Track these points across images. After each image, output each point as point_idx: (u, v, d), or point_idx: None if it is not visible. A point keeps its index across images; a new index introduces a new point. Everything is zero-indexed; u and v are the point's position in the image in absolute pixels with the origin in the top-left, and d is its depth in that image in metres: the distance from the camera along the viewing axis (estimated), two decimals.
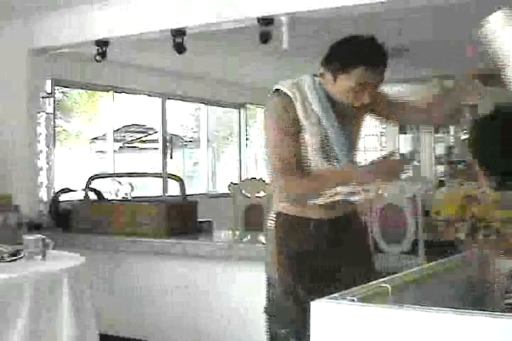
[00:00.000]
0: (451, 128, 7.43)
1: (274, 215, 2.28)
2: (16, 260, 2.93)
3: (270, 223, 2.29)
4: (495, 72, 2.13)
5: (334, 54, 2.15)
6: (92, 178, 4.61)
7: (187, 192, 4.37)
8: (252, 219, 3.99)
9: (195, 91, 7.85)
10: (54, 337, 2.65)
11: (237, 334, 3.66)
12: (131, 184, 5.50)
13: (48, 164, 5.22)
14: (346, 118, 2.25)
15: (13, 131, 5.01)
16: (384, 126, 8.50)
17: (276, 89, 2.20)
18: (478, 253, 2.14)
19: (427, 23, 5.35)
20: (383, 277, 1.63)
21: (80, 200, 4.56)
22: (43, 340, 2.62)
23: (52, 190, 5.24)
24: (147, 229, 4.02)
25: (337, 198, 2.24)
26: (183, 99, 8.08)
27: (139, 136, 8.51)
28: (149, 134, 8.39)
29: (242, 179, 7.12)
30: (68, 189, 4.70)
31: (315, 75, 2.22)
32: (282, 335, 2.22)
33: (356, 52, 2.10)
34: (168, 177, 6.89)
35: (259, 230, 3.48)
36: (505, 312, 1.86)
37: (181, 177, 4.67)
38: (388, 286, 1.51)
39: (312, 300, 1.87)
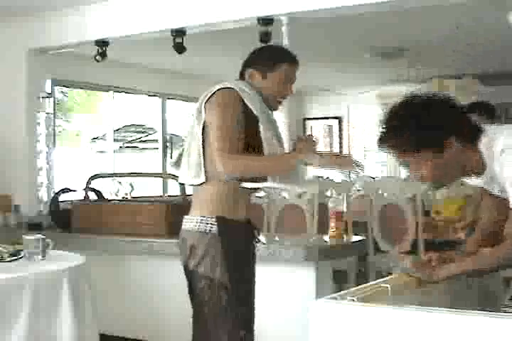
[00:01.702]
0: None
1: (214, 219, 2.34)
2: (16, 260, 2.93)
3: (207, 226, 2.35)
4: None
5: (261, 55, 2.52)
6: (92, 178, 4.60)
7: (187, 192, 4.37)
8: (251, 218, 3.99)
9: (195, 91, 7.83)
10: (54, 337, 2.65)
11: None
12: (131, 184, 5.50)
13: (47, 164, 5.22)
14: (272, 116, 2.52)
15: (13, 131, 5.01)
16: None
17: (223, 87, 2.38)
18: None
19: (427, 23, 5.36)
20: (383, 277, 1.63)
21: (80, 200, 4.56)
22: (42, 340, 2.62)
23: (52, 190, 5.25)
24: (147, 229, 4.03)
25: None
26: (183, 99, 8.08)
27: (139, 136, 8.50)
28: (149, 134, 8.39)
29: None
30: (68, 189, 4.70)
31: (240, 78, 2.50)
32: (242, 336, 2.35)
33: (279, 52, 2.53)
34: (168, 177, 6.89)
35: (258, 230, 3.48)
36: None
37: None
38: (388, 286, 1.51)
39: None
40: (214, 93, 2.37)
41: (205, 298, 2.40)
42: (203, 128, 2.37)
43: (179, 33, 4.43)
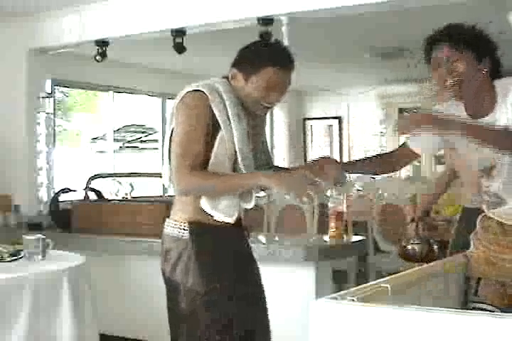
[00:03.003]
0: None
1: (186, 224, 2.18)
2: (16, 260, 2.93)
3: (180, 231, 2.20)
4: None
5: (244, 56, 2.22)
6: (92, 178, 4.61)
7: None
8: (251, 218, 3.99)
9: None
10: (54, 336, 2.65)
11: None
12: (131, 184, 5.50)
13: (48, 164, 5.22)
14: (255, 121, 2.27)
15: (13, 131, 5.01)
16: (384, 125, 8.52)
17: (193, 90, 2.20)
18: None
19: (427, 23, 5.35)
20: (383, 277, 1.63)
21: (80, 200, 4.56)
22: (42, 340, 2.62)
23: (52, 190, 5.25)
24: (147, 229, 4.02)
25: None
26: None
27: (139, 136, 8.49)
28: (149, 134, 8.39)
29: None
30: (68, 189, 4.70)
31: (225, 77, 2.25)
32: None
33: (266, 54, 2.19)
34: None
35: (258, 230, 3.49)
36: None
37: None
38: (388, 286, 1.51)
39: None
40: (183, 96, 2.21)
41: (177, 307, 2.26)
42: (172, 133, 2.19)
43: (179, 33, 4.43)
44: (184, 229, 2.19)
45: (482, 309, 1.89)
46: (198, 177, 2.09)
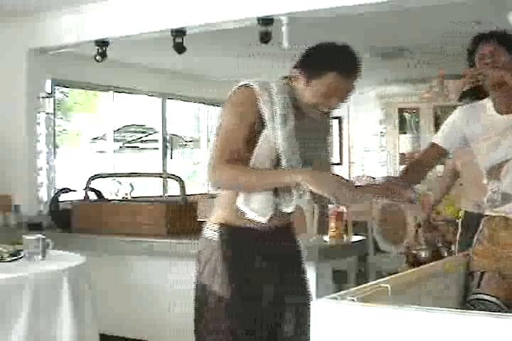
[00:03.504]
0: None
1: (217, 225, 2.15)
2: (16, 260, 2.93)
3: (212, 233, 2.16)
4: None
5: (310, 58, 2.16)
6: (92, 178, 4.60)
7: (187, 192, 4.37)
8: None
9: (195, 91, 7.85)
10: (54, 336, 2.65)
11: None
12: (131, 184, 5.50)
13: (47, 164, 5.22)
14: (312, 125, 2.21)
15: (13, 131, 5.01)
16: (384, 125, 8.52)
17: (244, 84, 2.14)
18: None
19: (427, 23, 5.36)
20: (383, 277, 1.63)
21: (80, 200, 4.56)
22: (42, 340, 2.62)
23: (52, 190, 5.25)
24: (147, 229, 4.03)
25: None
26: (183, 99, 8.08)
27: (139, 136, 8.50)
28: (149, 134, 8.39)
29: None
30: (68, 189, 4.70)
31: (285, 77, 2.20)
32: None
33: (331, 58, 2.11)
34: (168, 177, 6.89)
35: None
36: (470, 307, 1.90)
37: (181, 177, 4.67)
38: (388, 286, 1.51)
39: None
40: (233, 91, 2.16)
41: (200, 311, 2.20)
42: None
43: (179, 33, 4.42)
44: (214, 231, 2.15)
45: (484, 300, 1.89)
46: (232, 170, 2.04)
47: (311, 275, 3.49)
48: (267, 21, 4.09)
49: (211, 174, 2.06)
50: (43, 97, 5.15)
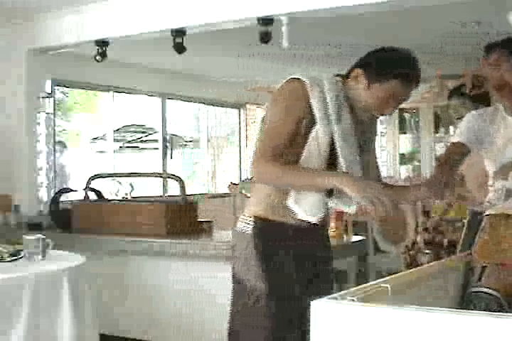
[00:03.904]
0: (451, 128, 7.43)
1: (252, 218, 2.14)
2: (16, 260, 2.93)
3: (245, 226, 2.14)
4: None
5: (375, 61, 2.14)
6: (92, 178, 4.60)
7: (187, 192, 4.37)
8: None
9: (195, 91, 7.85)
10: (54, 337, 2.65)
11: None
12: (131, 184, 5.50)
13: (47, 164, 5.22)
14: (361, 128, 2.18)
15: (13, 131, 5.01)
16: (384, 125, 8.52)
17: (294, 78, 2.08)
18: None
19: (427, 23, 5.36)
20: (383, 277, 1.63)
21: (80, 200, 4.56)
22: (42, 340, 2.62)
23: (52, 190, 5.25)
24: (147, 229, 4.03)
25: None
26: (183, 99, 8.08)
27: (139, 136, 8.50)
28: (149, 134, 8.39)
29: (242, 179, 7.13)
30: (68, 189, 4.70)
31: (337, 75, 2.17)
32: None
33: (397, 66, 2.09)
34: (168, 177, 6.89)
35: None
36: (469, 299, 1.90)
37: (181, 177, 4.67)
38: (388, 286, 1.51)
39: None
40: (282, 84, 2.10)
41: (234, 304, 2.19)
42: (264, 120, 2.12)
43: (179, 33, 4.42)
44: (249, 224, 2.13)
45: (483, 292, 1.89)
46: (273, 168, 2.01)
47: None
48: (267, 21, 4.09)
49: (253, 169, 2.05)
50: (43, 97, 5.15)
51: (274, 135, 2.04)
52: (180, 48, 4.47)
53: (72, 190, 4.70)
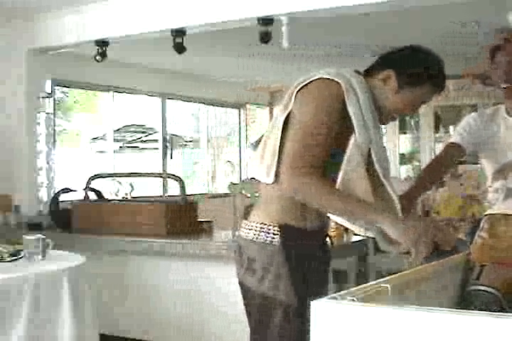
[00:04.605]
0: (451, 128, 7.43)
1: (277, 228, 1.93)
2: (16, 260, 2.93)
3: (269, 236, 1.94)
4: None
5: (407, 64, 2.02)
6: (92, 178, 4.61)
7: (187, 192, 4.37)
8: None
9: (195, 91, 7.85)
10: (54, 337, 2.65)
11: (238, 334, 3.66)
12: (131, 184, 5.50)
13: (48, 164, 5.22)
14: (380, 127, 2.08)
15: (13, 131, 5.01)
16: (384, 125, 8.52)
17: (325, 78, 1.89)
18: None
19: (427, 22, 5.36)
20: (383, 277, 1.63)
21: (80, 200, 4.56)
22: (42, 340, 2.62)
23: (52, 190, 5.25)
24: (147, 229, 4.03)
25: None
26: (183, 99, 8.08)
27: (139, 136, 8.50)
28: (149, 134, 8.39)
29: (242, 179, 7.13)
30: (68, 189, 4.70)
31: (357, 72, 2.00)
32: None
33: (432, 70, 2.03)
34: (168, 177, 6.89)
35: None
36: (468, 297, 1.91)
37: (181, 177, 4.67)
38: (388, 286, 1.51)
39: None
40: (312, 81, 1.88)
41: (264, 320, 1.96)
42: (287, 119, 1.87)
43: (179, 33, 4.42)
44: (274, 234, 1.93)
45: (482, 290, 1.89)
46: (314, 185, 1.82)
47: None
48: (267, 21, 4.09)
49: (287, 181, 1.83)
50: (43, 97, 5.15)
51: (313, 142, 1.82)
52: (180, 48, 4.47)
53: (72, 190, 4.70)
